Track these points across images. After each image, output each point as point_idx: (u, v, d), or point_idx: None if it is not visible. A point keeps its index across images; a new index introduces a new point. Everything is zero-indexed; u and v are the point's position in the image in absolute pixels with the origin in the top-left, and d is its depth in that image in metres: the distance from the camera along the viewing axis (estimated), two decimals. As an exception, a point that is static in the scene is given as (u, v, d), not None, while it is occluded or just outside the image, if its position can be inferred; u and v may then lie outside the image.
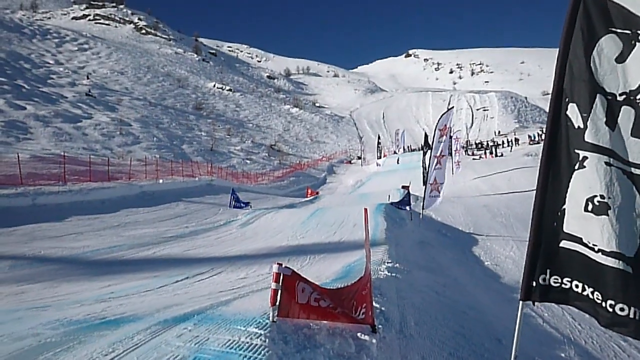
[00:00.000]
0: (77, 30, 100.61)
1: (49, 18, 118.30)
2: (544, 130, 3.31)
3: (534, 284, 3.32)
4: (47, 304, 6.21)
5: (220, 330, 3.74)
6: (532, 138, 53.39)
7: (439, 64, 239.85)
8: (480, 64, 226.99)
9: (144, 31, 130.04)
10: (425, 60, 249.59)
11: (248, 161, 51.38)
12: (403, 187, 24.72)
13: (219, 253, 11.92)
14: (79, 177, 21.63)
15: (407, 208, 18.27)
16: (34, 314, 5.23)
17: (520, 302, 3.48)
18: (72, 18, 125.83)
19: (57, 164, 22.01)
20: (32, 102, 40.69)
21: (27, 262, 10.02)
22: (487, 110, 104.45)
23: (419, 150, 57.24)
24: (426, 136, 19.10)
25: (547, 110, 3.33)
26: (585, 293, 3.06)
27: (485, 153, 49.93)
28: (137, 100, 60.79)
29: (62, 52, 76.48)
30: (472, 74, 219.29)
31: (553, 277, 3.23)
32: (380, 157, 59.28)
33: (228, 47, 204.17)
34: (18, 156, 19.91)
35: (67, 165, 21.52)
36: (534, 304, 3.51)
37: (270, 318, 3.88)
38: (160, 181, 26.21)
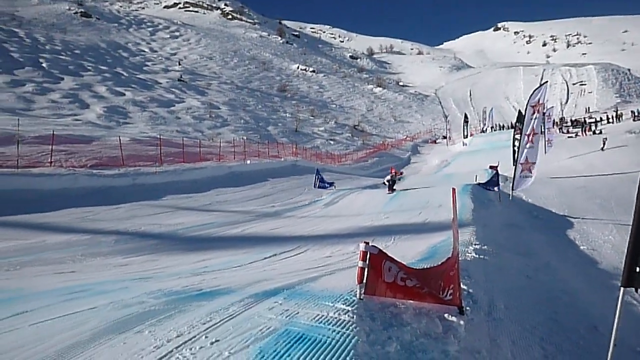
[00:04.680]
0: (169, 18, 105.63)
1: (143, 8, 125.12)
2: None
3: (638, 269, 3.11)
4: (149, 275, 6.70)
5: (309, 305, 3.85)
6: (636, 114, 49.18)
7: (530, 36, 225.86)
8: (577, 34, 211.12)
9: (230, 16, 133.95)
10: (516, 33, 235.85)
11: (331, 142, 51.74)
12: (491, 167, 23.86)
13: (304, 232, 12.18)
14: (173, 158, 22.89)
15: (496, 189, 17.61)
16: (138, 284, 5.66)
17: (621, 288, 3.27)
18: (164, 7, 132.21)
19: (153, 146, 23.40)
20: (130, 88, 43.47)
21: (130, 237, 10.83)
22: (585, 84, 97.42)
23: (508, 128, 54.76)
24: (520, 113, 18.17)
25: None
26: None
27: (582, 130, 46.61)
28: (225, 84, 62.98)
29: (156, 40, 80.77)
30: (568, 45, 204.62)
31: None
32: (466, 137, 57.38)
33: (311, 28, 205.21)
34: (119, 139, 21.41)
35: (163, 147, 22.81)
36: (636, 291, 3.30)
37: (357, 295, 3.94)
38: (248, 162, 27.12)
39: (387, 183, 19.55)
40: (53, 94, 35.01)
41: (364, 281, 3.92)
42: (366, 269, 3.90)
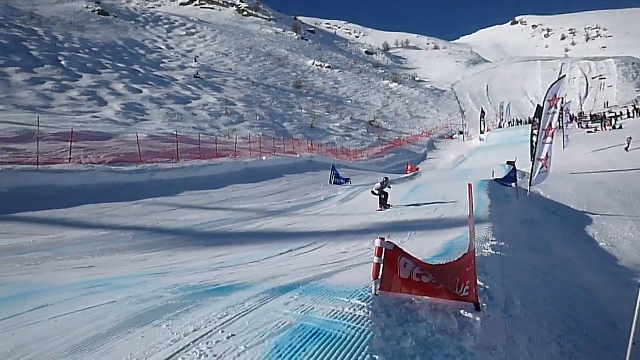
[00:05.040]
0: (185, 15, 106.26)
1: (159, 5, 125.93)
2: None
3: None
4: (166, 270, 6.77)
5: (324, 300, 3.87)
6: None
7: (548, 30, 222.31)
8: (596, 27, 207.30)
9: (245, 13, 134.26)
10: (534, 26, 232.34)
11: (347, 137, 51.66)
12: (508, 162, 23.64)
13: (320, 227, 12.19)
14: (189, 154, 23.07)
15: (513, 184, 17.43)
16: (156, 279, 5.73)
17: (641, 285, 3.23)
18: (180, 4, 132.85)
19: (170, 142, 23.62)
20: (147, 85, 43.87)
21: (147, 232, 10.97)
22: (604, 78, 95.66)
23: (526, 123, 54.09)
24: (538, 107, 17.88)
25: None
26: None
27: (601, 125, 45.79)
28: (240, 80, 63.20)
29: (172, 37, 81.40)
30: (587, 39, 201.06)
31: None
32: (483, 132, 56.85)
33: (326, 24, 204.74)
34: (137, 136, 21.66)
35: (179, 143, 23.00)
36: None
37: (373, 291, 3.94)
38: (264, 158, 27.23)
39: (376, 193, 15.26)
40: (72, 91, 35.50)
41: (380, 277, 3.92)
42: (381, 265, 3.90)
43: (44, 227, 10.76)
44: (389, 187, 15.52)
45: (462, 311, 4.09)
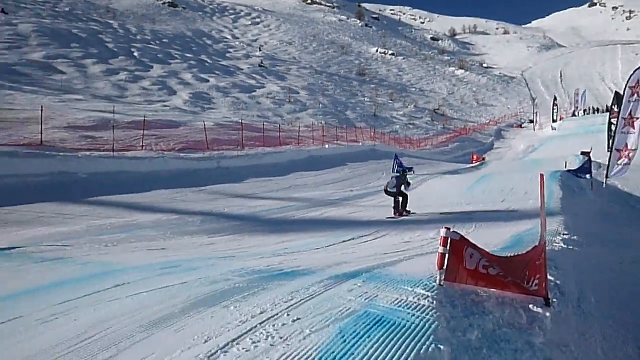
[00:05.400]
0: (250, 5, 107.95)
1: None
2: None
3: None
4: (233, 254, 6.99)
5: (388, 288, 3.85)
6: None
7: (631, 11, 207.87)
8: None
9: (309, 1, 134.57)
10: (614, 8, 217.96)
11: (410, 126, 50.98)
12: (582, 153, 22.52)
13: (382, 216, 12.12)
14: (254, 142, 23.58)
15: (587, 176, 16.60)
16: (224, 262, 5.93)
17: None
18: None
19: (235, 130, 24.23)
20: (214, 74, 45.09)
21: (215, 217, 11.35)
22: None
23: (603, 111, 51.22)
24: (617, 94, 16.85)
25: None
26: None
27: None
28: (304, 68, 63.63)
29: (238, 26, 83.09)
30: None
31: None
32: (555, 120, 54.37)
33: (391, 10, 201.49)
34: (204, 124, 22.33)
35: (244, 131, 23.55)
36: None
37: (437, 281, 3.89)
38: (326, 146, 27.38)
39: (391, 193, 11.69)
40: (143, 81, 37.09)
41: (445, 267, 3.87)
42: (447, 255, 3.84)
43: (120, 211, 11.38)
44: (409, 182, 11.96)
45: (530, 305, 3.96)
